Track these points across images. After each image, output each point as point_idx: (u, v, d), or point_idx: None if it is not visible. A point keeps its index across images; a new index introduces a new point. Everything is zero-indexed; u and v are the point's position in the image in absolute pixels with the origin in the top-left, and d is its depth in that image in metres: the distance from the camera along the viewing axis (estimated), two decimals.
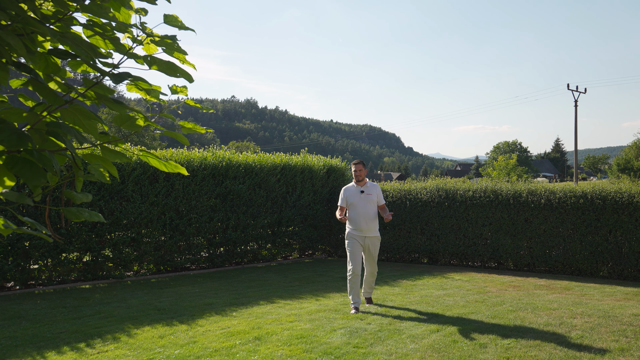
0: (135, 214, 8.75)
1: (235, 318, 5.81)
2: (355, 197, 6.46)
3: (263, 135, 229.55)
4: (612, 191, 8.88)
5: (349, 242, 6.47)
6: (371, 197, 6.46)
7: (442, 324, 5.33)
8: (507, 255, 9.84)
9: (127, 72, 2.11)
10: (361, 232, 6.39)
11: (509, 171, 42.77)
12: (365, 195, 6.44)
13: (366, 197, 6.43)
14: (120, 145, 2.25)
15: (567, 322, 5.24)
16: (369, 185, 6.55)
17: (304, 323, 5.49)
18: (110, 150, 2.21)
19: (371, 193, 6.48)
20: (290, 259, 11.68)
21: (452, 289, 7.57)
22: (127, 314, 6.07)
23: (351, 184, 6.65)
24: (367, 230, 6.39)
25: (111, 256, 8.68)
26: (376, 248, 6.51)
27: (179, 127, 2.35)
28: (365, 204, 6.40)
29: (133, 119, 2.19)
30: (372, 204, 6.46)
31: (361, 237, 6.40)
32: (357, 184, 6.56)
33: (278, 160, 11.27)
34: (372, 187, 6.55)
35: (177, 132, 2.29)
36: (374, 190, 6.52)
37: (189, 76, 2.21)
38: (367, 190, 6.48)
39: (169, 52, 2.20)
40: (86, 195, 2.00)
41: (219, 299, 6.92)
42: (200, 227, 9.72)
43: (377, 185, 6.68)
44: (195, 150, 10.22)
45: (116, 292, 7.59)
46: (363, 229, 6.38)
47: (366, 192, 6.45)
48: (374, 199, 6.48)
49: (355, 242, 6.39)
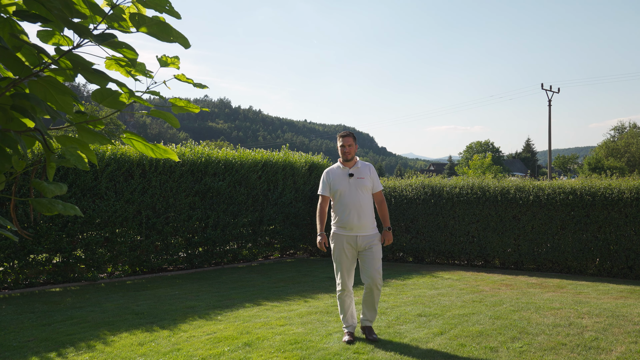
0: (109, 212, 8.24)
1: (221, 322, 5.40)
2: (342, 182, 4.80)
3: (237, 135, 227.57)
4: (602, 187, 8.75)
5: (335, 246, 4.82)
6: (363, 181, 4.79)
7: (443, 326, 5.02)
8: (495, 253, 9.64)
9: (110, 33, 1.72)
10: (351, 230, 4.72)
11: (484, 170, 43.10)
12: (355, 179, 4.78)
13: (357, 182, 4.77)
14: (99, 126, 1.87)
15: (576, 322, 5.00)
16: (360, 166, 4.86)
17: (296, 327, 5.12)
18: (89, 132, 1.82)
19: (363, 177, 4.81)
20: (271, 258, 11.28)
21: (444, 288, 7.30)
22: (102, 319, 5.60)
23: (336, 165, 4.93)
24: (359, 227, 4.73)
25: (83, 257, 8.15)
26: (377, 251, 4.74)
27: (169, 105, 1.97)
28: (355, 191, 4.75)
29: (116, 95, 1.81)
30: (365, 191, 4.80)
31: (352, 237, 4.74)
32: (345, 165, 4.87)
33: (259, 157, 10.87)
34: (364, 169, 4.87)
35: (167, 112, 1.92)
36: (366, 172, 4.86)
37: (185, 40, 1.82)
38: (357, 172, 4.81)
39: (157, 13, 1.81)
40: (59, 187, 1.61)
41: (201, 302, 6.49)
42: (178, 226, 9.25)
43: (371, 166, 4.95)
44: (172, 146, 9.74)
45: (89, 295, 7.09)
46: (354, 225, 4.70)
47: (356, 176, 4.79)
48: (367, 184, 4.80)
49: (344, 247, 4.76)
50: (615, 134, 61.66)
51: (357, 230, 4.76)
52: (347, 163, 4.89)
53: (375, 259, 4.72)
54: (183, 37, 1.81)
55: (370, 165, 4.97)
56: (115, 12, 1.72)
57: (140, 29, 1.77)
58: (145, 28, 1.77)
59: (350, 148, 4.86)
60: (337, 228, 4.84)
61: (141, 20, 1.75)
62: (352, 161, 4.90)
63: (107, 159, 8.23)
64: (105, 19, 1.71)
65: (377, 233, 4.85)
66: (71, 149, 1.81)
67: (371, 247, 4.74)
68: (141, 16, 1.74)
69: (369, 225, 4.81)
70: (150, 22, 1.77)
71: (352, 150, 4.86)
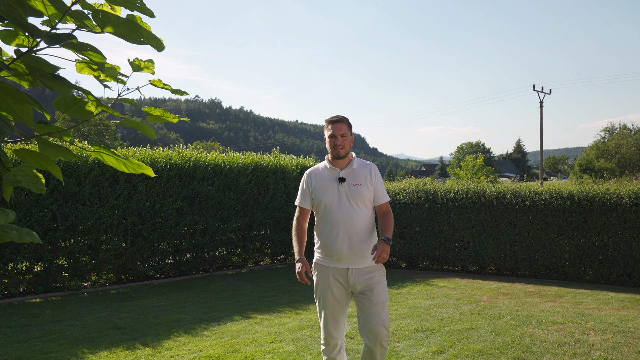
0: (93, 218, 7.93)
1: (207, 338, 5.12)
2: (327, 190, 3.35)
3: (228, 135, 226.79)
4: (600, 192, 8.56)
5: (319, 282, 3.40)
6: (359, 190, 3.33)
7: (442, 343, 4.77)
8: (490, 260, 9.43)
9: (68, 33, 1.45)
10: (339, 260, 3.30)
11: (476, 171, 43.04)
12: (347, 187, 3.33)
13: (350, 190, 3.33)
14: (66, 138, 1.60)
15: (582, 339, 4.77)
16: (356, 167, 3.41)
17: (287, 344, 4.85)
18: (50, 145, 1.54)
19: (359, 182, 3.35)
20: (262, 264, 11.00)
21: (440, 297, 7.06)
22: (81, 335, 5.30)
23: (322, 165, 3.50)
24: (351, 256, 3.29)
25: (66, 265, 7.83)
26: (380, 291, 3.30)
27: (144, 114, 1.70)
28: (347, 204, 3.30)
29: (81, 103, 1.53)
30: (362, 204, 3.33)
31: (341, 271, 3.31)
32: (334, 165, 3.42)
33: (249, 160, 10.59)
34: (362, 171, 3.41)
35: (141, 122, 1.65)
36: (364, 176, 3.38)
37: (159, 42, 1.55)
38: (351, 176, 3.37)
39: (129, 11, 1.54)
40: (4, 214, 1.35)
41: (187, 314, 6.20)
42: (165, 233, 8.95)
43: (372, 166, 3.50)
44: (159, 149, 9.44)
45: (71, 306, 6.78)
46: (343, 254, 3.28)
47: (350, 181, 3.34)
48: (364, 193, 3.33)
49: (331, 284, 3.33)
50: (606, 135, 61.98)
51: (348, 260, 3.29)
52: (338, 162, 3.40)
53: (378, 304, 3.25)
54: (155, 39, 1.53)
55: (371, 166, 3.48)
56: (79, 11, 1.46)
57: (105, 29, 1.50)
58: (111, 28, 1.50)
59: (344, 139, 3.34)
60: (321, 256, 3.39)
61: (105, 18, 1.48)
62: (345, 159, 3.39)
63: (91, 163, 7.92)
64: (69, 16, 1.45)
65: (379, 266, 3.37)
66: (25, 167, 1.55)
67: (371, 286, 3.28)
68: (105, 14, 1.46)
69: (367, 253, 3.30)
70: (116, 20, 1.49)
71: (346, 142, 3.35)
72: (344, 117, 3.43)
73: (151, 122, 1.76)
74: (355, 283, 3.30)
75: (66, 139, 1.59)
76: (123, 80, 1.64)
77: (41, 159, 1.54)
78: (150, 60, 1.66)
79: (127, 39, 1.53)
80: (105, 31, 1.50)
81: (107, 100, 1.60)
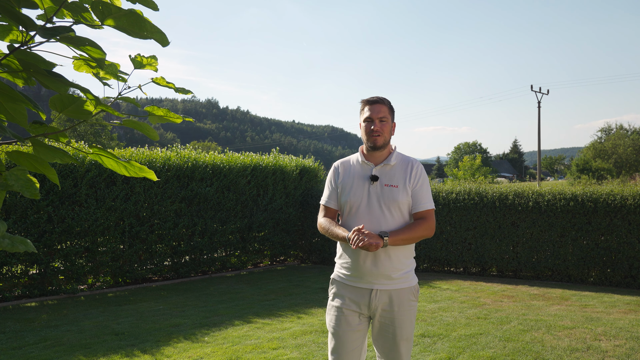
0: (90, 220, 7.78)
1: (208, 345, 4.98)
2: (357, 188, 2.72)
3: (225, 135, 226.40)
4: (604, 193, 8.46)
5: (332, 304, 2.74)
6: (394, 193, 2.67)
7: (451, 350, 4.64)
8: (492, 261, 9.32)
9: (65, 26, 1.32)
10: (361, 278, 2.65)
11: (474, 172, 43.01)
12: (380, 187, 2.69)
13: (383, 192, 2.68)
14: (62, 139, 1.47)
15: (594, 345, 4.65)
16: (395, 163, 2.75)
17: (290, 350, 4.71)
18: (46, 147, 1.42)
19: (396, 184, 2.68)
20: (261, 266, 10.87)
21: (444, 301, 6.94)
22: (78, 341, 5.16)
23: (355, 157, 2.85)
24: (376, 274, 2.62)
25: (62, 268, 7.68)
26: (405, 322, 2.66)
27: (144, 114, 1.57)
28: (377, 208, 2.66)
29: (79, 102, 1.40)
30: (396, 211, 2.67)
31: (362, 293, 2.66)
32: (368, 158, 2.78)
33: (248, 161, 10.45)
34: (401, 168, 2.74)
35: (143, 122, 1.51)
36: (403, 176, 2.72)
37: (163, 36, 1.41)
38: (387, 175, 2.72)
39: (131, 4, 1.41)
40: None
41: (186, 319, 6.06)
42: (163, 234, 8.80)
43: (416, 162, 2.77)
44: (157, 150, 9.29)
45: (67, 310, 6.63)
46: (365, 271, 2.62)
47: (384, 181, 2.70)
48: (399, 197, 2.66)
49: (345, 307, 2.67)
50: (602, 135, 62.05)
51: (372, 279, 2.62)
52: (373, 155, 2.75)
53: (402, 342, 2.65)
54: (160, 32, 1.40)
55: (414, 162, 2.77)
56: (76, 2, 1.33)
57: (105, 22, 1.36)
58: (112, 20, 1.37)
59: (384, 126, 2.69)
60: (340, 271, 2.76)
61: (106, 10, 1.34)
62: (383, 151, 2.75)
63: (88, 164, 7.77)
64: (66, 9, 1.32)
65: (413, 285, 2.71)
66: (18, 171, 1.42)
67: (394, 315, 2.63)
68: (106, 5, 1.33)
69: (397, 270, 2.64)
70: (117, 12, 1.36)
71: (386, 129, 2.70)
72: (384, 98, 2.75)
73: (153, 122, 1.63)
74: (378, 308, 2.64)
75: (63, 140, 1.46)
76: (124, 78, 1.51)
77: (36, 162, 1.42)
78: (153, 56, 1.52)
79: (130, 33, 1.39)
80: (105, 24, 1.37)
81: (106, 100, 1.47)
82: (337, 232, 2.66)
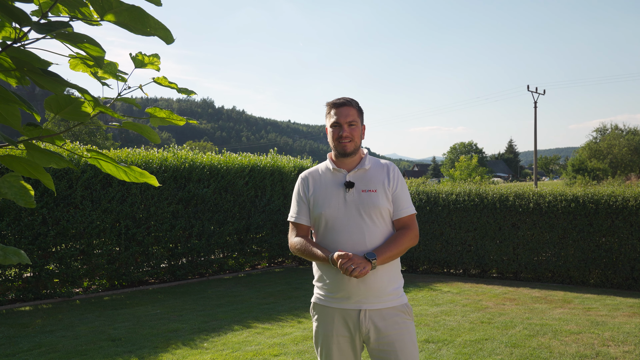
0: (86, 222, 7.64)
1: (208, 351, 4.86)
2: (330, 199, 2.45)
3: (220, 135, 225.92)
4: (606, 195, 8.39)
5: (319, 330, 2.46)
6: (374, 198, 2.40)
7: (456, 356, 4.54)
8: (493, 263, 9.24)
9: (62, 21, 1.22)
10: (348, 298, 2.37)
11: (471, 171, 42.99)
12: (357, 194, 2.42)
13: (360, 199, 2.41)
14: (58, 142, 1.36)
15: (603, 351, 4.56)
16: (369, 168, 2.50)
17: (292, 357, 4.60)
18: (41, 151, 1.32)
19: (373, 188, 2.43)
20: (259, 268, 10.75)
21: (446, 304, 6.84)
22: (73, 348, 5.02)
23: (323, 165, 2.58)
24: (364, 292, 2.35)
25: (57, 271, 7.53)
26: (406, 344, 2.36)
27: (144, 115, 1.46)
28: (356, 218, 2.39)
29: (77, 103, 1.30)
30: (377, 218, 2.41)
31: (350, 314, 2.38)
32: (338, 165, 2.51)
33: (246, 162, 10.33)
34: (377, 172, 2.49)
35: (144, 125, 1.41)
36: (381, 180, 2.46)
37: (168, 33, 1.31)
38: (362, 180, 2.46)
39: None
40: None
41: (184, 323, 5.93)
42: (160, 236, 8.67)
43: (392, 165, 2.54)
44: (153, 151, 9.16)
45: (62, 315, 6.49)
46: (352, 289, 2.35)
47: (360, 187, 2.43)
48: (380, 203, 2.40)
49: (334, 332, 2.40)
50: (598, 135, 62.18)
51: (360, 298, 2.36)
52: (344, 161, 2.49)
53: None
54: (164, 29, 1.29)
55: (389, 166, 2.54)
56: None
57: (105, 17, 1.25)
58: (113, 16, 1.26)
59: (353, 130, 2.44)
60: (322, 293, 2.47)
61: (106, 4, 1.23)
62: (354, 157, 2.49)
63: (83, 165, 7.63)
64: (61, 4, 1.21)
65: (404, 303, 2.44)
66: (11, 177, 1.32)
67: (393, 339, 2.35)
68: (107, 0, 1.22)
69: (386, 285, 2.39)
70: (118, 7, 1.25)
71: (356, 134, 2.45)
72: (351, 100, 2.48)
73: (155, 124, 1.53)
74: (370, 331, 2.34)
75: (59, 143, 1.36)
76: (124, 78, 1.41)
77: (30, 167, 1.32)
78: (155, 54, 1.42)
79: (132, 29, 1.29)
80: (105, 19, 1.26)
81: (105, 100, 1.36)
82: (314, 253, 2.38)
